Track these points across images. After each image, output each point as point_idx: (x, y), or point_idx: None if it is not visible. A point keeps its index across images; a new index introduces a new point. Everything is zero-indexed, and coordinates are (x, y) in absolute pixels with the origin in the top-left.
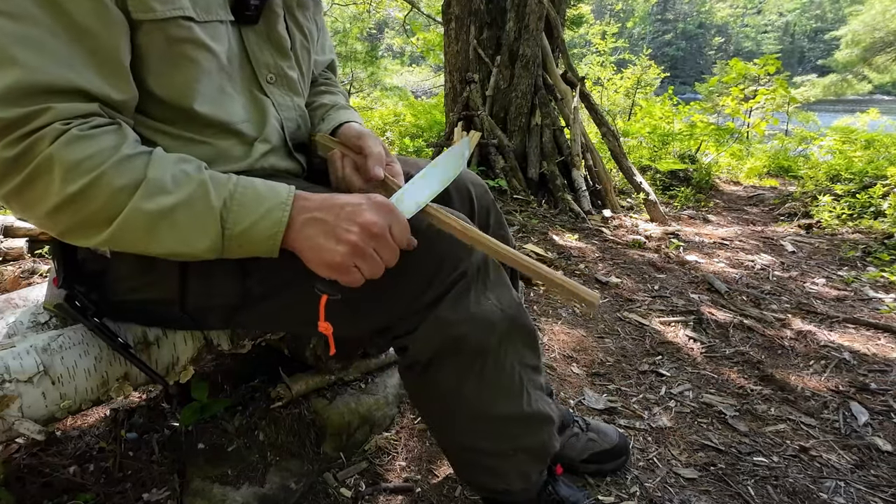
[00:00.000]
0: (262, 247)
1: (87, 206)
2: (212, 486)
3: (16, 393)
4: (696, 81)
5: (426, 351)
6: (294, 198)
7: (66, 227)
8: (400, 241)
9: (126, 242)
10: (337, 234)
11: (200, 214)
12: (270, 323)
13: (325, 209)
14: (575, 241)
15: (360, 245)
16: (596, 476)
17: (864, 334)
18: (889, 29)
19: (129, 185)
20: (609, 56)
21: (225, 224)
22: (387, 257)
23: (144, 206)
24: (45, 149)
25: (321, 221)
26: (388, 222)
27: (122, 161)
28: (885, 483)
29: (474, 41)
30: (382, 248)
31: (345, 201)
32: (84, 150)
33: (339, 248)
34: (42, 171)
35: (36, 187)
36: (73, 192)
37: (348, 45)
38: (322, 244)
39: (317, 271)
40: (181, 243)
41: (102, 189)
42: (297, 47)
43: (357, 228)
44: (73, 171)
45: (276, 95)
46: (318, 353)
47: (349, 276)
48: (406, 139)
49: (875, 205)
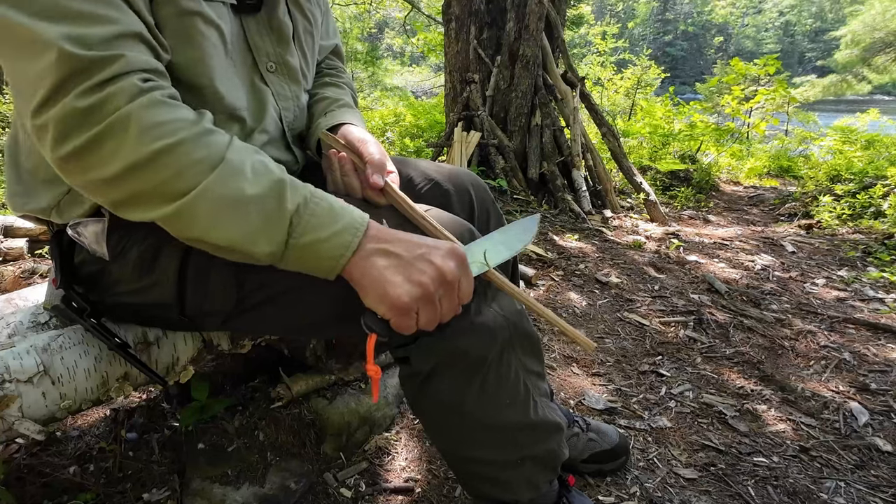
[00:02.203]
0: (322, 265)
1: (156, 174)
2: (212, 486)
3: (16, 393)
4: (696, 81)
5: (428, 361)
6: (367, 224)
7: (128, 195)
8: (464, 297)
9: (184, 222)
10: (409, 272)
11: (271, 213)
12: (268, 328)
13: (398, 243)
14: (575, 242)
15: (431, 289)
16: (596, 476)
17: (865, 334)
18: (889, 29)
19: (206, 160)
20: (609, 56)
21: (292, 231)
22: (446, 309)
23: (218, 188)
24: (123, 105)
25: (394, 255)
26: (460, 274)
27: (203, 134)
28: (886, 483)
29: (474, 41)
30: (447, 299)
31: (420, 240)
32: (164, 115)
33: (408, 287)
34: (116, 129)
35: (106, 146)
36: (147, 154)
37: (349, 45)
38: (389, 278)
39: (373, 306)
40: (244, 238)
41: (178, 158)
42: (301, 32)
43: (432, 271)
44: (150, 132)
45: (275, 84)
46: (318, 353)
47: (406, 319)
48: (406, 139)
49: (875, 205)
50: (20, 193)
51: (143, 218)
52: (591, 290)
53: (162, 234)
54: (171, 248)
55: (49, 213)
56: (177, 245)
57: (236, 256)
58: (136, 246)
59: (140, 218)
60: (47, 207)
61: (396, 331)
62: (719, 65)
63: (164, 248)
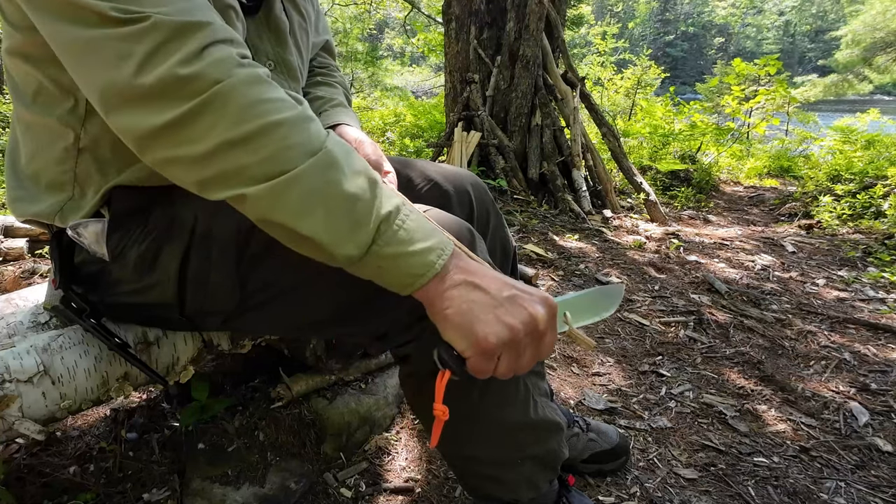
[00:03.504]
0: (399, 281)
1: (251, 154)
2: (212, 486)
3: (16, 393)
4: (696, 82)
5: (429, 360)
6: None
7: (212, 174)
8: (545, 352)
9: (270, 205)
10: (500, 313)
11: (363, 215)
12: (269, 328)
13: (487, 278)
14: (575, 242)
15: (520, 334)
16: (596, 476)
17: (865, 335)
18: (889, 29)
19: (306, 144)
20: (609, 56)
21: (378, 238)
22: (527, 360)
23: (314, 176)
24: (224, 78)
25: (483, 291)
26: (550, 327)
27: (305, 119)
28: (886, 483)
29: (474, 41)
30: (531, 349)
31: (510, 281)
32: (266, 92)
33: (497, 329)
34: (217, 101)
35: (203, 120)
36: (246, 132)
37: (349, 45)
38: (478, 315)
39: (454, 341)
40: (329, 234)
41: (277, 138)
42: (296, 29)
43: (525, 316)
44: (251, 108)
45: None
46: (318, 353)
47: (487, 362)
48: (406, 139)
49: (875, 205)
50: (21, 199)
51: (226, 196)
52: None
53: (162, 234)
54: (172, 248)
55: (52, 217)
56: (177, 245)
57: (314, 251)
58: (137, 246)
59: (225, 196)
60: (50, 213)
61: (471, 373)
62: (719, 65)
63: (164, 247)
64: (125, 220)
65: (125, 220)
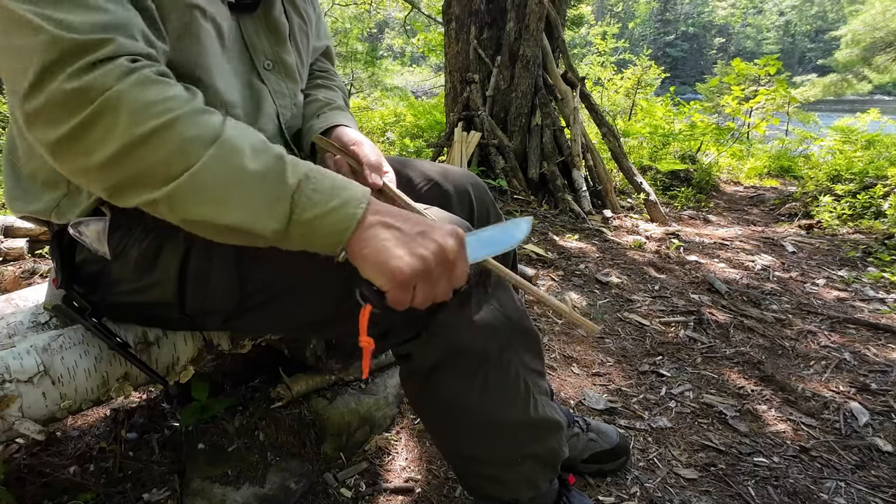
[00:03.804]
0: (328, 241)
1: (151, 154)
2: (212, 486)
3: (16, 393)
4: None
5: (429, 358)
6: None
7: (120, 180)
8: (458, 280)
9: (184, 203)
10: (411, 246)
11: (273, 189)
12: (269, 327)
13: (400, 218)
14: (575, 242)
15: (431, 264)
16: (596, 476)
17: (865, 335)
18: (889, 28)
19: (203, 136)
20: (609, 56)
21: (295, 207)
22: (442, 290)
23: (217, 165)
24: (113, 84)
25: (396, 229)
26: (460, 257)
27: (198, 112)
28: (886, 483)
29: (474, 41)
30: (444, 278)
31: (422, 218)
32: (157, 93)
33: (410, 260)
34: (107, 110)
35: (97, 129)
36: (140, 134)
37: (349, 45)
38: (391, 249)
39: (373, 278)
40: (248, 216)
41: (173, 136)
42: (296, 31)
43: (434, 247)
44: (143, 111)
45: (272, 83)
46: (318, 353)
47: (404, 293)
48: (406, 139)
49: (875, 205)
50: (19, 197)
51: (140, 202)
52: (592, 290)
53: (163, 233)
54: (172, 247)
55: (49, 214)
56: (178, 244)
57: (240, 237)
58: (137, 245)
59: (137, 202)
60: (47, 209)
61: (391, 305)
62: (720, 65)
63: (165, 246)
64: (126, 219)
65: (126, 218)
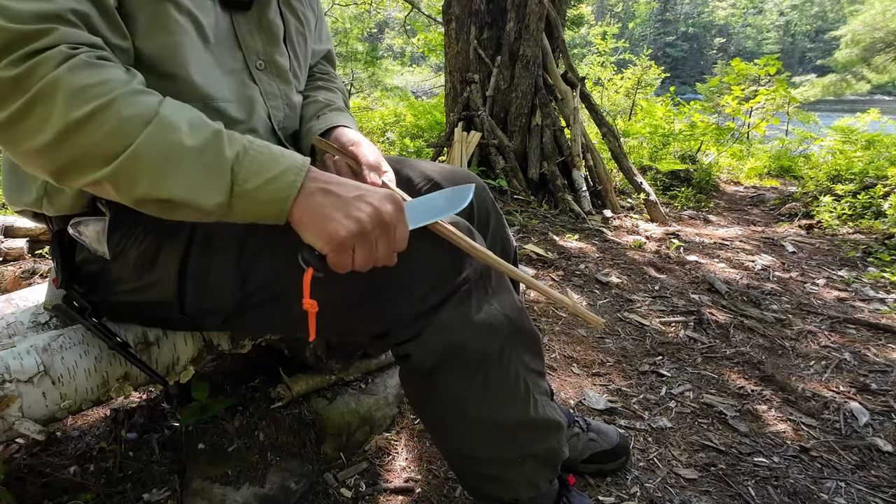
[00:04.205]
0: (270, 210)
1: (90, 136)
2: (212, 486)
3: (16, 393)
4: (696, 82)
5: (429, 358)
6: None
7: (63, 162)
8: (399, 244)
9: (126, 182)
10: (347, 209)
11: (212, 163)
12: (269, 327)
13: (338, 185)
14: (575, 242)
15: (367, 227)
16: (596, 476)
17: (865, 335)
18: (889, 29)
19: (140, 116)
20: (609, 56)
21: (235, 179)
22: (382, 252)
23: (154, 142)
24: (50, 71)
25: (333, 194)
26: (397, 220)
27: (134, 93)
28: (886, 483)
29: (475, 41)
30: (383, 241)
31: (359, 184)
32: (92, 77)
33: (346, 223)
34: (44, 96)
35: (34, 114)
36: (77, 118)
37: (349, 45)
38: (328, 213)
39: (312, 242)
40: (189, 190)
41: (110, 117)
42: (293, 33)
43: (370, 210)
44: (78, 95)
45: (263, 83)
46: (318, 353)
47: (343, 256)
48: (406, 139)
49: (876, 205)
50: (14, 187)
51: (85, 183)
52: (592, 290)
53: (163, 233)
54: (172, 247)
55: (40, 204)
56: (178, 243)
57: (187, 212)
58: (137, 244)
59: (82, 184)
60: (38, 198)
61: (332, 268)
62: (720, 65)
63: (164, 246)
64: (126, 219)
65: (126, 218)
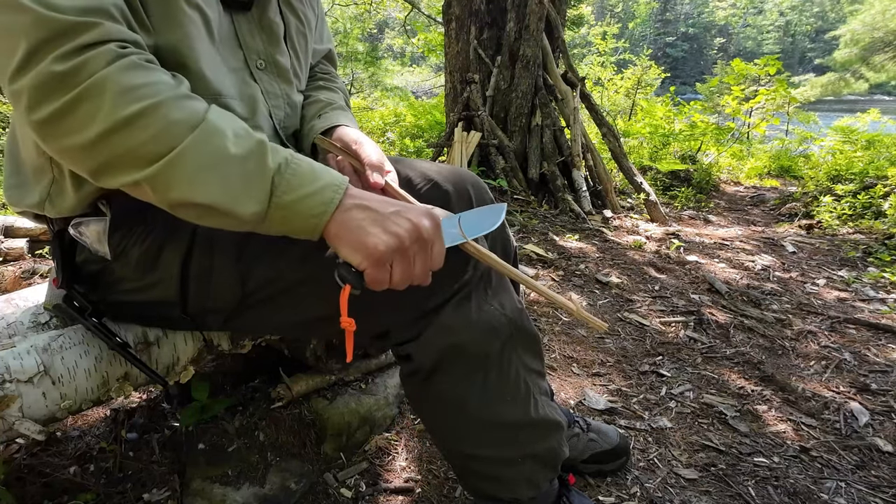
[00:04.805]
0: (306, 224)
1: (135, 136)
2: (212, 486)
3: (16, 393)
4: (696, 82)
5: (430, 358)
6: (347, 184)
7: (104, 161)
8: (436, 261)
9: (165, 184)
10: (385, 224)
11: (254, 172)
12: (270, 326)
13: (376, 201)
14: (575, 242)
15: (406, 242)
16: (596, 476)
17: (865, 335)
18: (888, 28)
19: (186, 120)
20: (609, 56)
21: (275, 190)
22: (419, 269)
23: (199, 148)
24: (101, 69)
25: (371, 210)
26: (435, 236)
27: (182, 98)
28: (886, 484)
29: (475, 41)
30: (420, 257)
31: (395, 200)
32: (141, 78)
33: (384, 237)
34: (92, 93)
35: (81, 110)
36: (124, 117)
37: (349, 45)
38: (366, 228)
39: (349, 256)
40: (227, 197)
41: (157, 119)
42: (293, 33)
43: (408, 225)
44: (127, 94)
45: (264, 82)
46: (318, 353)
47: (381, 271)
48: (406, 139)
49: (876, 205)
50: (16, 186)
51: (123, 183)
52: (592, 290)
53: (164, 232)
54: (174, 246)
55: (42, 206)
56: (179, 243)
57: (222, 220)
58: (139, 244)
59: (121, 183)
60: (40, 200)
61: (369, 285)
62: (720, 65)
63: (166, 246)
64: (127, 219)
65: (127, 218)
